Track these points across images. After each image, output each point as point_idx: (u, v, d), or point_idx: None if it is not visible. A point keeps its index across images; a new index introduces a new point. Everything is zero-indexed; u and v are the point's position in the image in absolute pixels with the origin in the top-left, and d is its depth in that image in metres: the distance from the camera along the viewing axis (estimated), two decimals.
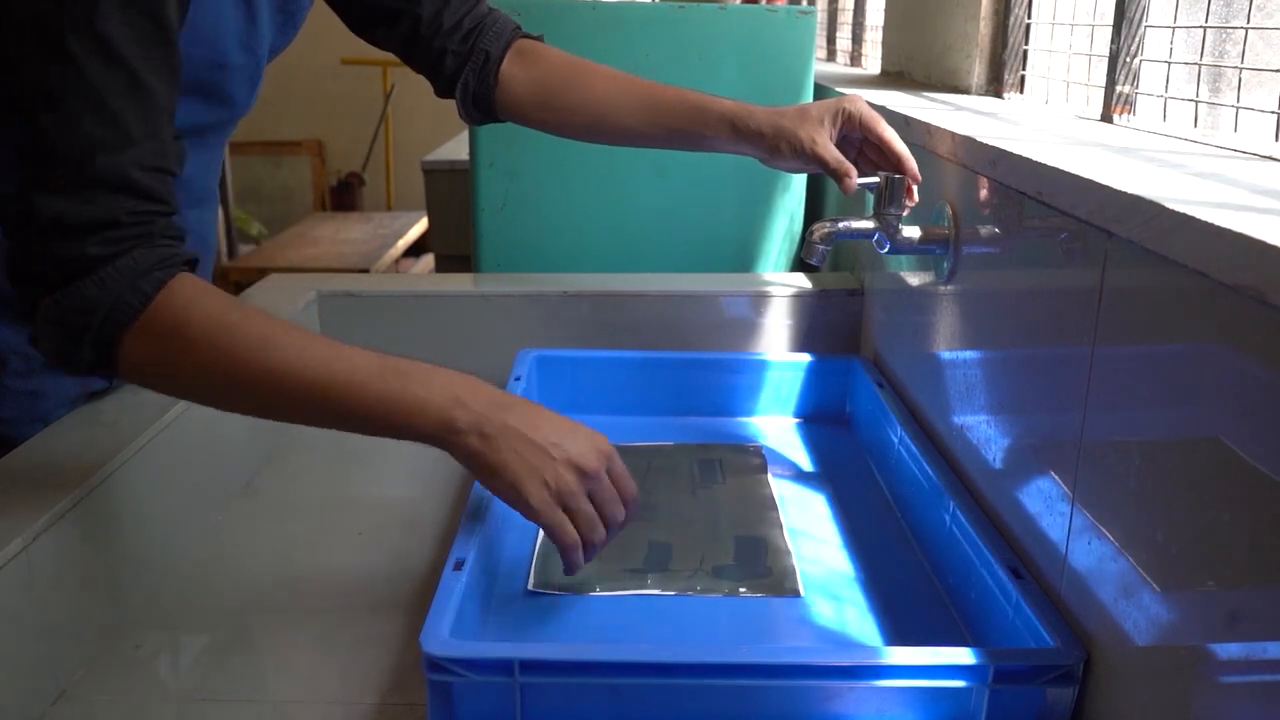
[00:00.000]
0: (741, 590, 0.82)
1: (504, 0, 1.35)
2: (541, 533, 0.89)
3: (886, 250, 0.92)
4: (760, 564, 0.86)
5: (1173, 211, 0.54)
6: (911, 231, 0.92)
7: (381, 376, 0.70)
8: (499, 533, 0.86)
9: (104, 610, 0.76)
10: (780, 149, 0.94)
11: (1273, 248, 0.46)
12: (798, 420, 1.15)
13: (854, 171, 0.93)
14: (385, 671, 0.73)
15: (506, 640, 0.76)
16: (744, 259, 1.47)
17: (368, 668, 0.74)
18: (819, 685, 0.64)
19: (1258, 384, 0.48)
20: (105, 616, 0.76)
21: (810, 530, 0.93)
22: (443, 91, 1.04)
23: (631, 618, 0.79)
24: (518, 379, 1.09)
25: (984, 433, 0.84)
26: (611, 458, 0.75)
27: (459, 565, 0.72)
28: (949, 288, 0.93)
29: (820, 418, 1.15)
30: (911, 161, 0.93)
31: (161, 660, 0.75)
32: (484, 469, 0.71)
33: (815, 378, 1.15)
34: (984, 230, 0.84)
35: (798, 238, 1.48)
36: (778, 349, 1.25)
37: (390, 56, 1.04)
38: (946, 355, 0.94)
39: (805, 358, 1.15)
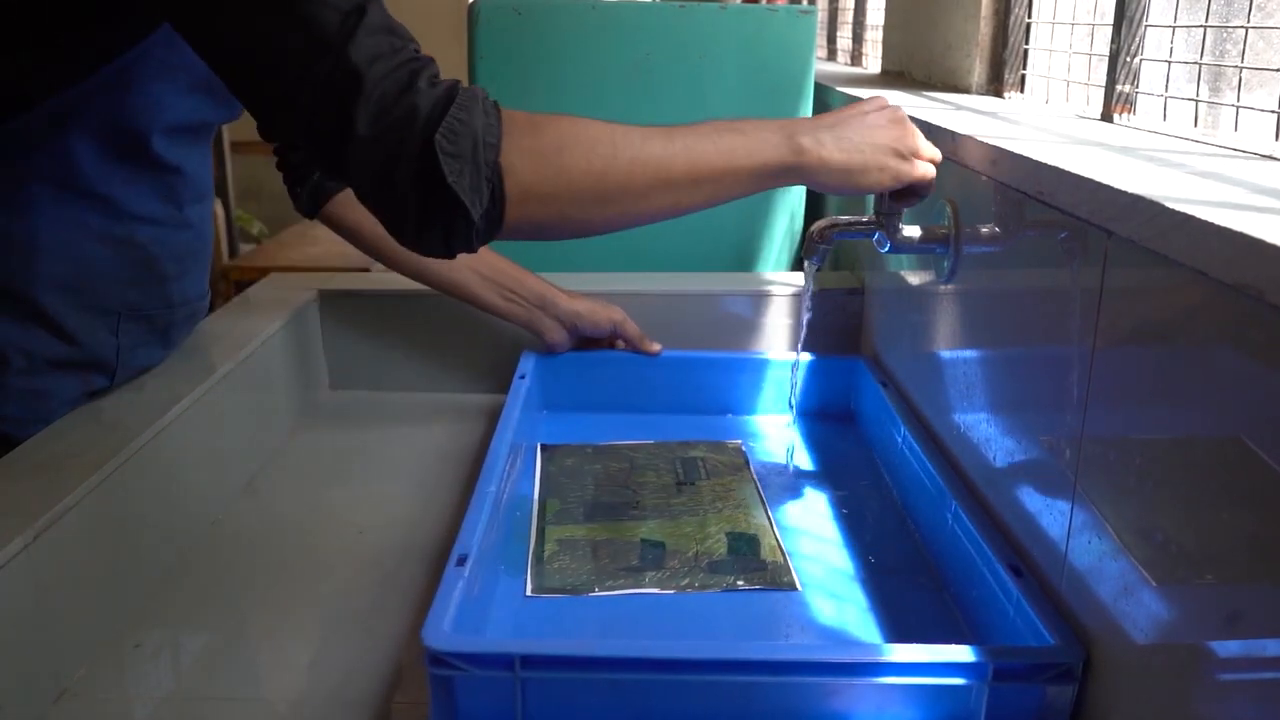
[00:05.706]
0: (739, 584, 0.82)
1: (504, 0, 1.35)
2: (533, 539, 0.89)
3: (886, 250, 0.92)
4: (755, 558, 0.86)
5: (1173, 211, 0.54)
6: (911, 231, 0.92)
7: (716, 134, 0.74)
8: (501, 530, 0.86)
9: (104, 610, 0.76)
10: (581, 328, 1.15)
11: (1273, 247, 0.46)
12: (800, 417, 1.15)
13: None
14: (387, 670, 0.73)
15: (508, 636, 0.76)
16: (744, 259, 1.46)
17: (369, 667, 0.74)
18: (819, 682, 0.64)
19: (1258, 384, 0.49)
20: (105, 616, 0.76)
21: (807, 526, 0.93)
22: (291, 169, 1.06)
23: (631, 616, 0.79)
24: (522, 377, 1.09)
25: (984, 431, 0.84)
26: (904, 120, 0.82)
27: (461, 561, 0.72)
28: (949, 287, 0.93)
29: (822, 415, 1.15)
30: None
31: (161, 660, 0.75)
32: (843, 173, 0.77)
33: (818, 377, 1.15)
34: (984, 230, 0.84)
35: (798, 237, 1.48)
36: (778, 348, 1.25)
37: None
38: (947, 355, 0.94)
39: (807, 357, 1.15)
